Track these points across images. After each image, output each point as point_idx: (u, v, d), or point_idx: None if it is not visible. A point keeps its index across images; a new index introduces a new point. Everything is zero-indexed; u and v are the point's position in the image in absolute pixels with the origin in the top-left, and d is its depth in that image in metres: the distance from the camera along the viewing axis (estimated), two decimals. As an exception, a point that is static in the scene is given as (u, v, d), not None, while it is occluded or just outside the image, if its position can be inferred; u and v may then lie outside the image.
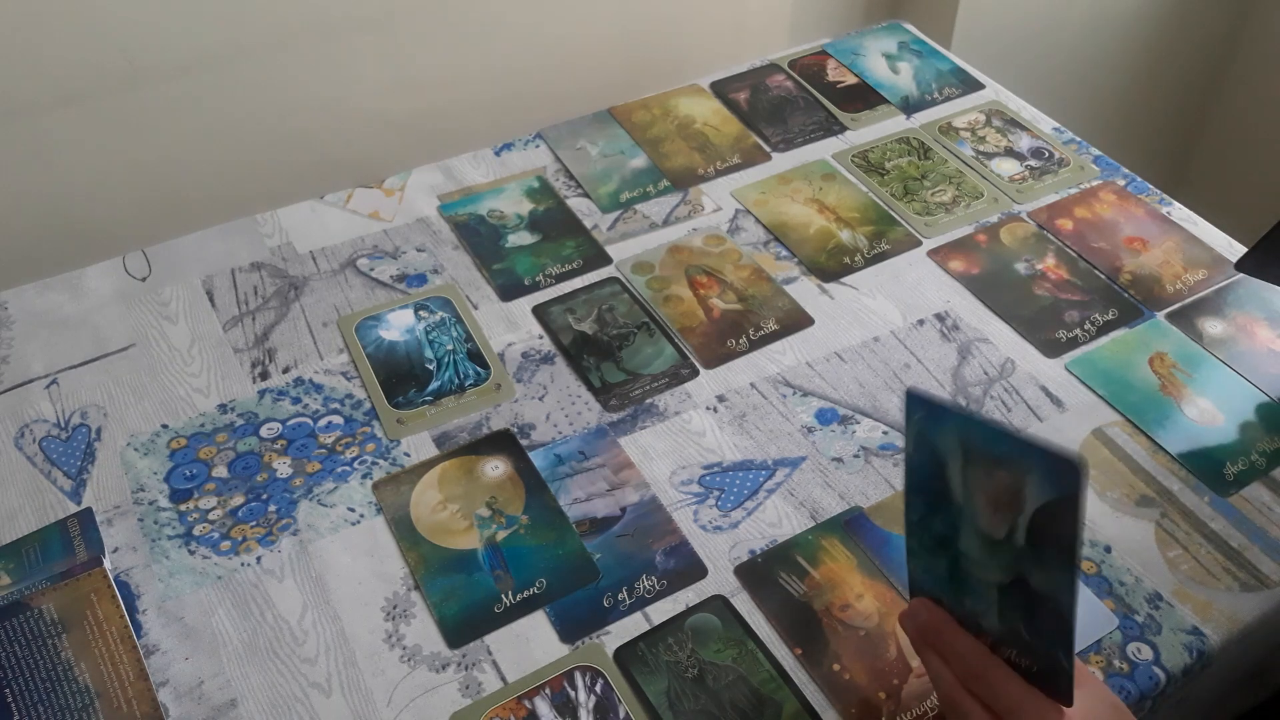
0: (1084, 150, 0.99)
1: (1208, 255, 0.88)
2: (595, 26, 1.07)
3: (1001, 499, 0.49)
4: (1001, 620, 0.51)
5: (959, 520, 0.52)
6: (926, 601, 0.55)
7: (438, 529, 0.69)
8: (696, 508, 0.70)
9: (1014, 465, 0.47)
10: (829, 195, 0.94)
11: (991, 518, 0.50)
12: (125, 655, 0.63)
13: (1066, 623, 0.48)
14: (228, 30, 0.90)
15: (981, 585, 0.52)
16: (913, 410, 0.52)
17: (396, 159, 0.99)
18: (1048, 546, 0.48)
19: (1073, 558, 0.47)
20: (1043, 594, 0.49)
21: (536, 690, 0.61)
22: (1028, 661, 0.51)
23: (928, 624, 0.54)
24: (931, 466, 0.52)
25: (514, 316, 0.84)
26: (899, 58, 1.10)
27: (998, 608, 0.51)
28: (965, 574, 0.52)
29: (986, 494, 0.50)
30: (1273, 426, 0.74)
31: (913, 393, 0.52)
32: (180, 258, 0.88)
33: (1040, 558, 0.48)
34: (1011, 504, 0.48)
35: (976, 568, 0.52)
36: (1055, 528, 0.47)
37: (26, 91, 0.85)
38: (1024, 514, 0.48)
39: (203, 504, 0.71)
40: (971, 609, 0.53)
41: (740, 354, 0.80)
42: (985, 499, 0.50)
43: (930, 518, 0.54)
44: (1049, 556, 0.48)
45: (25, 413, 0.77)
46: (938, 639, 0.54)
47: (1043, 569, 0.48)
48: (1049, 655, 0.50)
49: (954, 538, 0.52)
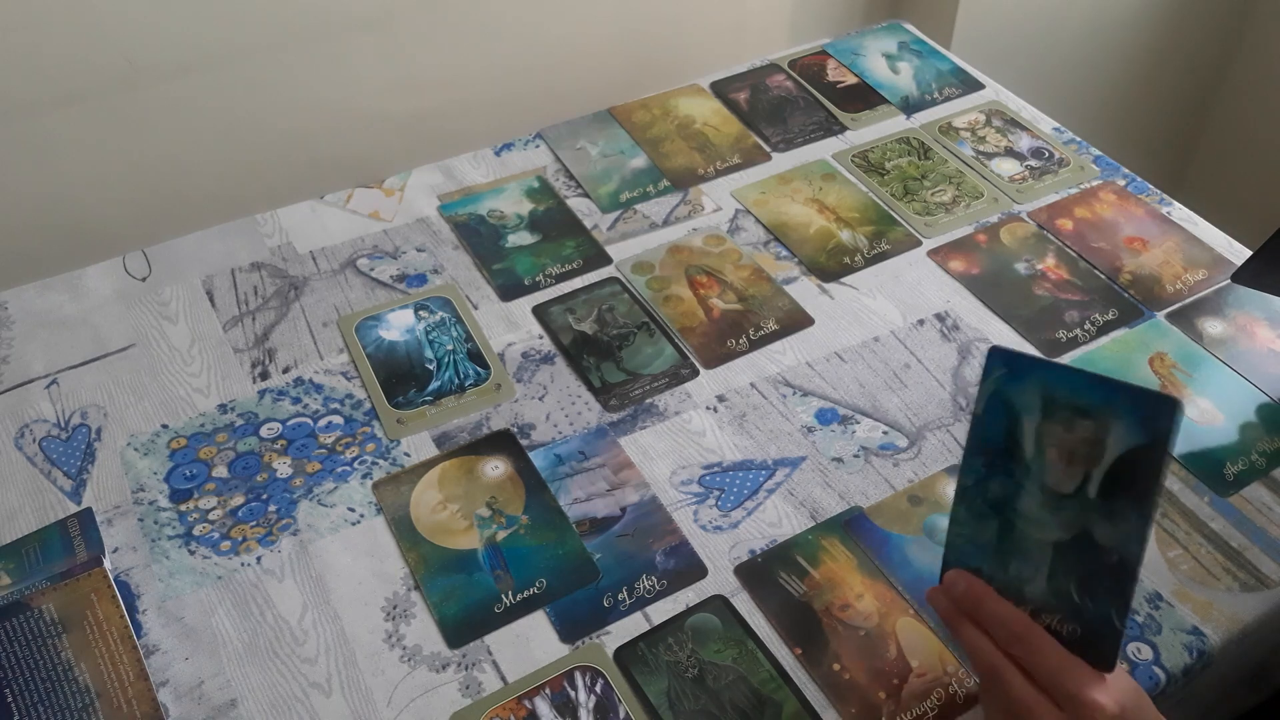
0: (1084, 150, 0.99)
1: (1208, 255, 0.88)
2: (595, 26, 1.07)
3: (1078, 451, 0.51)
4: (1050, 583, 0.53)
5: (1023, 479, 0.53)
6: (964, 572, 0.56)
7: (438, 529, 0.69)
8: (696, 508, 0.70)
9: (1101, 413, 0.50)
10: (829, 195, 0.94)
11: (1063, 472, 0.52)
12: (125, 655, 0.63)
13: (1130, 575, 0.50)
14: (228, 30, 0.90)
15: (1036, 547, 0.53)
16: (992, 368, 0.54)
17: (396, 159, 0.99)
18: (1122, 496, 0.50)
19: (1151, 504, 0.49)
20: (1107, 548, 0.51)
21: (536, 690, 0.61)
22: (1070, 627, 0.52)
23: (967, 593, 0.55)
24: (1002, 425, 0.54)
25: (514, 316, 0.84)
26: (899, 58, 1.10)
27: (1049, 569, 0.53)
28: (1019, 537, 0.54)
29: (1061, 447, 0.52)
30: (1273, 426, 0.74)
31: (996, 349, 0.54)
32: (180, 258, 0.88)
33: (1111, 510, 0.50)
34: (1089, 456, 0.51)
35: (1034, 527, 0.53)
36: (1135, 475, 0.49)
37: (26, 91, 0.85)
38: (1100, 465, 0.50)
39: (203, 504, 0.71)
40: (1016, 575, 0.54)
41: (740, 354, 0.80)
42: (1059, 453, 0.52)
43: (987, 480, 0.55)
44: (1121, 507, 0.50)
45: (25, 413, 0.77)
46: (977, 607, 0.54)
47: (1112, 521, 0.51)
48: (1099, 617, 0.51)
49: (1012, 499, 0.54)
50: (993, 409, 0.54)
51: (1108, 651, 0.51)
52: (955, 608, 0.55)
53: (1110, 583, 0.51)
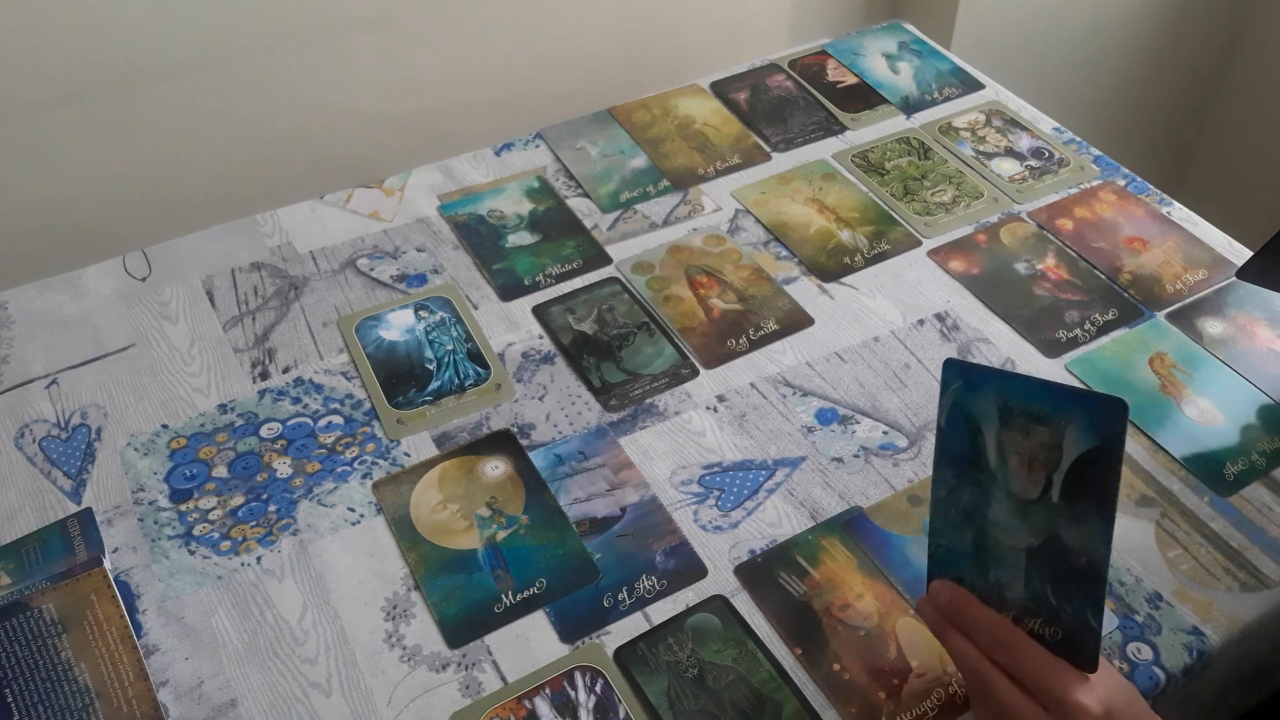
0: (1084, 150, 0.99)
1: (1208, 255, 0.88)
2: (595, 26, 1.07)
3: (1037, 457, 0.52)
4: (1027, 588, 0.53)
5: (990, 487, 0.54)
6: (947, 582, 0.57)
7: (438, 529, 0.69)
8: (696, 508, 0.70)
9: (1055, 419, 0.51)
10: (829, 195, 0.94)
11: (1026, 479, 0.52)
12: (125, 655, 0.63)
13: (1099, 575, 0.51)
14: (228, 30, 0.90)
15: (1010, 553, 0.54)
16: (949, 380, 0.55)
17: (396, 159, 0.99)
18: (1084, 499, 0.51)
19: (1111, 505, 0.50)
20: (1075, 550, 0.51)
21: (536, 690, 0.61)
22: (1052, 630, 0.53)
23: (951, 602, 0.56)
24: (965, 436, 0.54)
25: (514, 316, 0.84)
26: (899, 58, 1.10)
27: (1024, 575, 0.53)
28: (993, 544, 0.54)
29: (1021, 454, 0.52)
30: (1273, 426, 0.74)
31: (951, 361, 0.55)
32: (180, 258, 0.88)
33: (1075, 512, 0.51)
34: (1048, 461, 0.51)
35: (1006, 534, 0.54)
36: (1094, 476, 0.50)
37: (26, 91, 0.85)
38: (1060, 469, 0.51)
39: (203, 504, 0.71)
40: (995, 581, 0.55)
41: (740, 354, 0.80)
42: (1020, 460, 0.52)
43: (959, 490, 0.55)
44: (1084, 510, 0.51)
45: (25, 413, 0.77)
46: (960, 616, 0.55)
47: (1077, 523, 0.51)
48: (1076, 618, 0.52)
49: (983, 507, 0.54)
50: (954, 420, 0.55)
51: (1089, 652, 0.51)
52: (941, 617, 0.56)
53: (1082, 585, 0.51)
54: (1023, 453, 0.52)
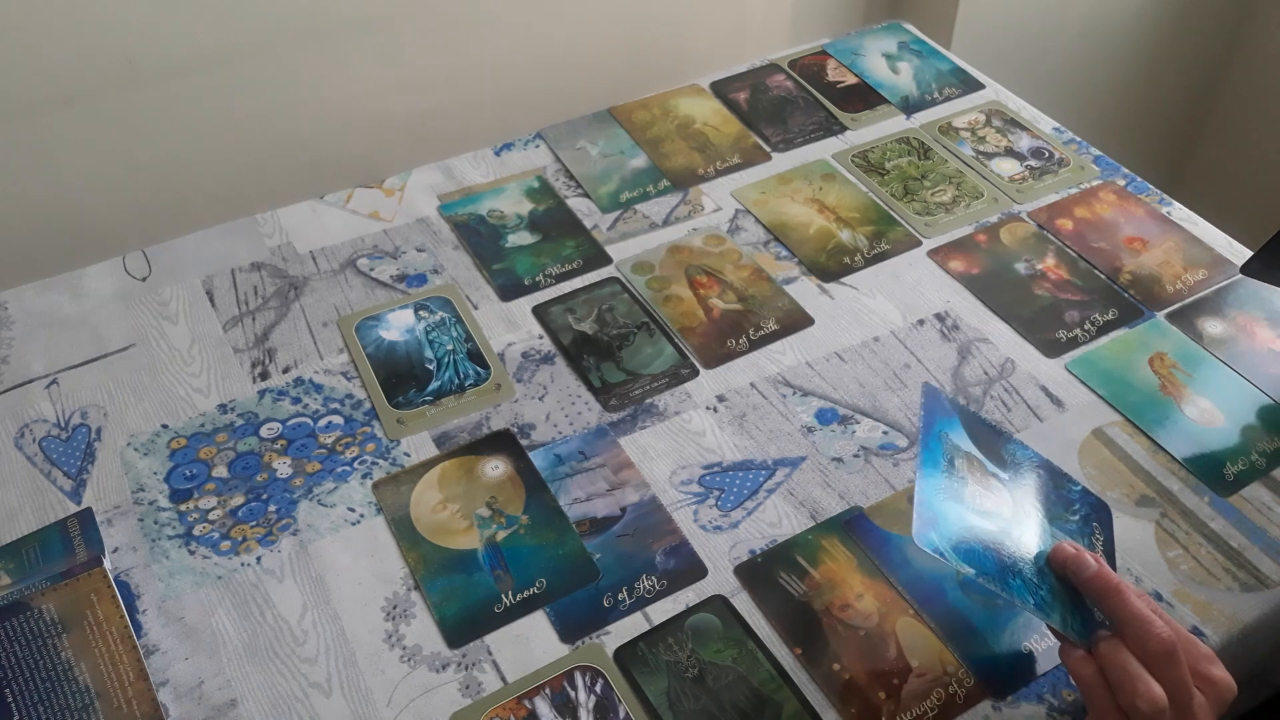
0: (1084, 150, 0.99)
1: (1208, 255, 0.88)
2: (595, 26, 1.07)
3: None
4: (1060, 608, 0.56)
5: (1016, 536, 0.57)
6: (1084, 656, 0.54)
7: (438, 529, 0.69)
8: (696, 508, 0.70)
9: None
10: (829, 195, 0.94)
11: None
12: (125, 655, 0.63)
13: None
14: (228, 30, 0.90)
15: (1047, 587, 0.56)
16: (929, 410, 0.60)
17: (396, 159, 0.99)
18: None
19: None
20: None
21: (536, 690, 0.61)
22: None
23: (1107, 654, 0.53)
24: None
25: (514, 316, 0.84)
26: (899, 58, 1.10)
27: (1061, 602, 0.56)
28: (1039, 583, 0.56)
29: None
30: (1273, 426, 0.74)
31: (926, 386, 0.62)
32: (180, 258, 0.88)
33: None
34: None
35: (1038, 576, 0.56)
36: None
37: (26, 91, 0.85)
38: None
39: (203, 504, 0.71)
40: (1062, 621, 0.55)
41: (740, 354, 0.80)
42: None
43: (1006, 570, 0.55)
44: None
45: (25, 413, 0.77)
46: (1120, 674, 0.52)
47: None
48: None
49: (1015, 560, 0.56)
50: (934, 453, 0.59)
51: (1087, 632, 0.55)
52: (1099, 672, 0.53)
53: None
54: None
